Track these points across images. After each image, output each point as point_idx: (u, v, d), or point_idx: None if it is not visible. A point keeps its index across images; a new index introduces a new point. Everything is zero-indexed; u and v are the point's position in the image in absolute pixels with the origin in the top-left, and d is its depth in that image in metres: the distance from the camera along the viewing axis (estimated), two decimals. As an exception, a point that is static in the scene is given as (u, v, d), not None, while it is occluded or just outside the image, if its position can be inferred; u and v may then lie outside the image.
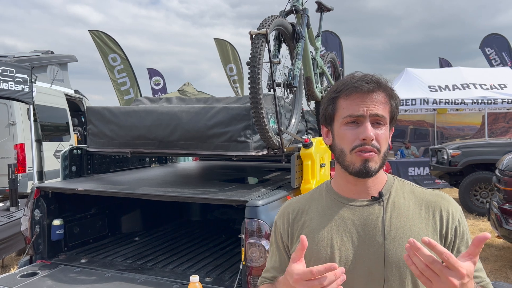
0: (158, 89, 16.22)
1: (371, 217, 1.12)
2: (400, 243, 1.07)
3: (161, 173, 3.69)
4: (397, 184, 1.19)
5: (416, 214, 1.12)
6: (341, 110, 1.13)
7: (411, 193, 1.17)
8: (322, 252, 1.12)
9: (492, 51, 14.78)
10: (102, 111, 3.09)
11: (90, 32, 10.91)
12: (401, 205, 1.14)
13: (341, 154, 1.12)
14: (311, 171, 2.69)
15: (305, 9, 3.06)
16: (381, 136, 1.09)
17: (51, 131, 7.64)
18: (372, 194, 1.15)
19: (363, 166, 1.08)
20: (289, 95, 2.81)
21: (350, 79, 1.12)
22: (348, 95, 1.11)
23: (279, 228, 1.26)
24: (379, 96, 1.10)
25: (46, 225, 2.91)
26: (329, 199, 1.20)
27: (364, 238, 1.11)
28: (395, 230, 1.09)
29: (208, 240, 3.69)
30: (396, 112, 1.15)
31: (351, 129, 1.10)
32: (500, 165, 4.74)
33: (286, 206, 1.28)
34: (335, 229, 1.14)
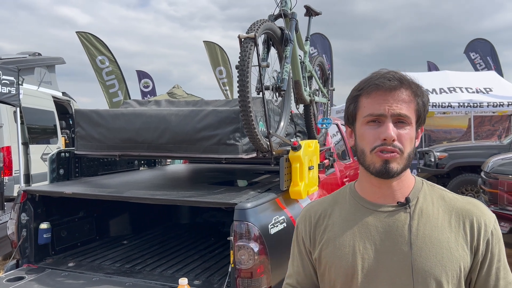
0: (147, 92, 16.16)
1: (396, 224, 1.06)
2: (427, 253, 1.01)
3: (149, 176, 3.68)
4: (425, 188, 1.12)
5: (446, 223, 1.05)
6: (362, 109, 1.08)
7: (441, 199, 1.10)
8: (344, 259, 1.07)
9: (477, 56, 15.01)
10: (90, 114, 3.08)
11: (78, 34, 10.82)
12: (429, 212, 1.07)
13: (362, 155, 1.08)
14: (299, 174, 2.70)
15: (293, 13, 3.09)
16: (404, 136, 1.03)
17: (38, 133, 7.56)
18: (398, 199, 1.08)
19: (384, 167, 1.03)
20: (278, 98, 2.82)
21: (373, 76, 1.07)
22: (370, 93, 1.06)
23: (300, 232, 1.21)
24: (403, 94, 1.04)
25: (33, 228, 2.88)
26: (352, 203, 1.15)
27: (389, 246, 1.04)
28: (422, 239, 1.03)
29: (197, 243, 3.69)
30: (423, 111, 1.08)
31: (372, 128, 1.05)
32: (486, 167, 4.83)
33: (308, 209, 1.23)
34: (358, 236, 1.08)
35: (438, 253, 1.01)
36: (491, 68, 14.44)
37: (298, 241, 1.22)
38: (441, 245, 1.02)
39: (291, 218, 2.63)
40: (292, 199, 2.74)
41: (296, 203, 2.79)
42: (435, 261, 1.00)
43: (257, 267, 2.23)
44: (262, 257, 2.24)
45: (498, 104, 10.00)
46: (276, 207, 2.55)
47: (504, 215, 4.19)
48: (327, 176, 3.78)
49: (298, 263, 1.22)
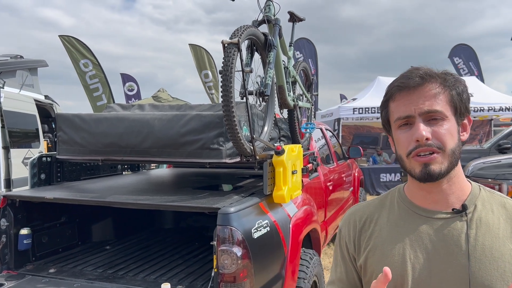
0: (131, 95, 16.05)
1: (452, 232, 0.97)
2: (487, 266, 0.93)
3: (133, 181, 3.65)
4: (484, 195, 1.03)
5: (508, 233, 0.96)
6: (392, 114, 1.03)
7: (502, 207, 1.01)
8: (393, 267, 0.98)
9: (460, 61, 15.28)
10: (72, 118, 3.05)
11: (61, 38, 10.71)
12: (489, 221, 0.98)
13: (401, 161, 1.02)
14: (283, 178, 2.72)
15: (277, 19, 3.11)
16: (440, 132, 0.95)
17: (20, 137, 7.44)
18: (452, 205, 1.00)
19: (424, 171, 0.96)
20: (261, 103, 2.84)
21: (397, 79, 1.02)
22: (394, 97, 1.01)
23: (344, 237, 1.14)
24: (428, 89, 0.97)
25: (13, 234, 2.84)
26: (402, 208, 1.07)
27: (443, 256, 0.96)
28: (481, 250, 0.94)
29: (181, 248, 3.67)
30: (460, 101, 0.99)
31: (404, 132, 0.99)
32: (466, 171, 4.92)
33: (353, 212, 1.16)
34: (408, 243, 1.00)
35: (500, 266, 0.92)
36: (474, 73, 14.73)
37: (341, 246, 1.15)
38: (504, 258, 0.93)
39: (274, 222, 2.64)
40: (276, 203, 2.76)
41: (279, 207, 2.81)
42: (496, 275, 0.92)
43: (240, 272, 2.24)
44: (245, 262, 2.25)
45: (479, 109, 10.22)
46: (260, 212, 2.56)
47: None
48: (311, 180, 3.81)
49: (341, 269, 1.15)
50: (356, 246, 1.10)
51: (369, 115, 10.76)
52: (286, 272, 2.69)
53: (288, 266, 2.72)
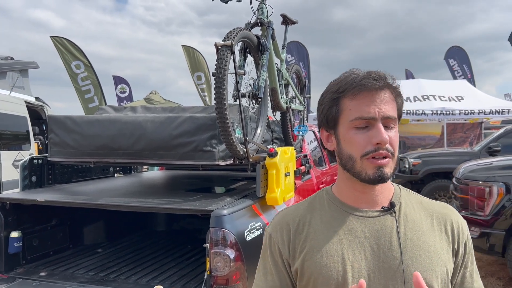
0: (124, 97, 15.97)
1: (384, 229, 1.02)
2: (417, 257, 0.99)
3: (125, 183, 3.64)
4: (404, 194, 1.10)
5: (429, 227, 1.04)
6: (347, 111, 1.01)
7: (420, 204, 1.09)
8: (333, 268, 1.00)
9: (455, 63, 15.34)
10: (64, 120, 3.03)
11: (52, 39, 10.62)
12: (413, 217, 1.05)
13: (349, 161, 1.01)
14: (276, 180, 2.73)
15: (270, 21, 3.13)
16: (393, 138, 1.00)
17: (10, 139, 7.37)
18: (380, 203, 1.05)
19: (378, 173, 0.98)
20: (254, 105, 2.85)
21: (354, 77, 1.01)
22: (356, 95, 0.99)
23: (276, 242, 1.09)
24: (387, 95, 1.00)
25: (3, 237, 2.80)
26: (334, 208, 1.08)
27: (378, 253, 1.00)
28: (411, 244, 1.00)
29: (173, 250, 3.66)
30: (401, 112, 1.05)
31: (361, 132, 0.99)
32: (457, 173, 4.96)
33: (283, 216, 1.13)
34: (345, 243, 1.02)
35: (428, 257, 1.00)
36: (467, 76, 14.85)
37: (272, 252, 1.10)
38: (429, 249, 1.00)
39: (267, 224, 2.63)
40: (269, 206, 2.76)
41: (272, 209, 2.81)
42: (425, 265, 0.99)
43: (233, 274, 2.23)
44: (238, 264, 2.25)
45: (469, 112, 10.31)
46: (253, 214, 2.56)
47: (474, 220, 4.31)
48: (304, 182, 3.82)
49: (273, 277, 1.09)
50: (291, 250, 1.07)
51: (361, 118, 10.81)
52: (279, 274, 2.69)
53: (281, 268, 2.72)
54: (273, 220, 1.16)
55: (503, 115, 10.58)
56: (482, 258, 5.27)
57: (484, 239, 4.23)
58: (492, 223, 4.18)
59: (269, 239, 1.12)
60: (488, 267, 4.99)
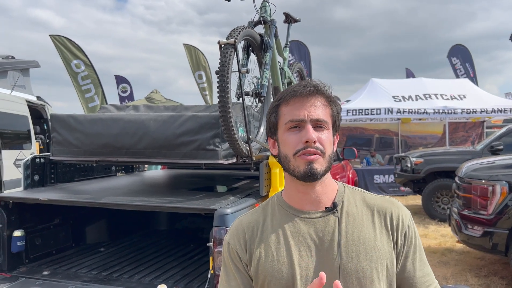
0: (125, 97, 15.99)
1: (327, 229, 1.09)
2: (357, 253, 1.06)
3: (127, 182, 3.63)
4: (348, 192, 1.17)
5: (370, 222, 1.11)
6: (283, 116, 1.12)
7: (362, 201, 1.15)
8: (283, 270, 1.07)
9: (458, 61, 15.21)
10: (66, 118, 3.02)
11: (52, 37, 10.55)
12: (354, 214, 1.11)
13: (286, 160, 1.10)
14: (279, 179, 2.72)
15: (273, 20, 3.12)
16: (324, 139, 1.08)
17: (11, 139, 7.37)
18: (324, 204, 1.12)
19: (308, 169, 1.06)
20: (257, 104, 2.84)
21: (291, 87, 1.13)
22: (288, 101, 1.11)
23: (234, 248, 1.15)
24: (319, 100, 1.10)
25: (6, 236, 2.80)
26: (282, 212, 1.15)
27: (322, 252, 1.07)
28: (351, 241, 1.07)
29: (176, 249, 3.65)
30: (337, 118, 1.14)
31: (293, 133, 1.09)
32: (460, 172, 4.95)
33: (238, 224, 1.20)
34: (293, 244, 1.09)
35: (368, 252, 1.06)
36: (470, 74, 14.79)
37: (232, 258, 1.15)
38: (369, 244, 1.07)
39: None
40: (272, 205, 2.75)
41: (275, 208, 2.80)
42: (365, 260, 1.05)
43: (237, 273, 2.22)
44: (242, 263, 2.24)
45: (471, 110, 10.30)
46: (256, 213, 2.55)
47: (477, 219, 4.29)
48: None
49: (236, 281, 1.14)
50: (248, 255, 1.13)
51: (362, 117, 10.80)
52: (282, 274, 2.68)
53: (284, 268, 2.71)
54: (230, 228, 1.22)
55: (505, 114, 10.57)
56: (485, 257, 5.26)
57: (487, 238, 4.22)
58: (495, 222, 4.16)
59: (227, 247, 1.18)
60: (491, 266, 4.98)
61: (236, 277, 1.15)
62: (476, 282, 4.47)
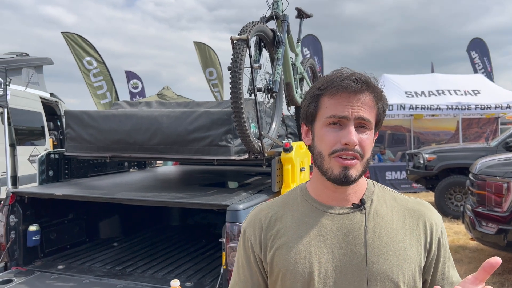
0: (136, 93, 16.03)
1: (352, 226, 1.02)
2: (384, 255, 1.00)
3: (140, 178, 3.66)
4: (378, 190, 1.10)
5: (400, 224, 1.04)
6: (324, 109, 1.02)
7: (393, 200, 1.09)
8: (300, 264, 1.01)
9: (476, 55, 14.85)
10: (80, 115, 3.05)
11: (64, 35, 10.62)
12: (384, 213, 1.05)
13: (319, 157, 1.03)
14: (291, 175, 2.71)
15: (285, 15, 3.10)
16: (365, 141, 1.00)
17: (26, 135, 7.47)
18: (352, 201, 1.05)
19: (342, 174, 0.98)
20: (269, 100, 2.83)
21: (337, 77, 1.01)
22: (334, 94, 1.00)
23: (249, 238, 1.11)
24: (367, 98, 1.01)
25: (22, 231, 2.85)
26: (305, 205, 1.09)
27: (346, 250, 1.01)
28: (378, 241, 1.01)
29: (188, 245, 3.68)
30: (382, 116, 1.06)
31: (333, 131, 1.00)
32: (474, 169, 4.88)
33: (257, 212, 1.14)
34: (314, 240, 1.03)
35: (395, 254, 1.00)
36: (487, 69, 14.50)
37: (245, 248, 1.12)
38: (397, 246, 1.01)
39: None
40: (284, 201, 2.74)
41: (287, 204, 2.80)
42: (392, 262, 0.99)
43: (249, 269, 2.23)
44: (254, 259, 2.24)
45: (485, 106, 10.15)
46: (268, 209, 2.55)
47: (492, 216, 4.24)
48: (318, 177, 3.79)
49: (245, 271, 1.11)
50: (262, 246, 1.08)
51: (374, 113, 10.71)
52: (294, 270, 2.68)
53: (297, 264, 2.71)
54: (248, 215, 1.17)
55: (521, 109, 10.38)
56: (499, 255, 5.18)
57: (501, 236, 4.16)
58: (510, 219, 4.10)
59: (243, 235, 1.14)
60: (505, 264, 4.91)
61: (245, 267, 1.12)
62: (490, 280, 4.41)
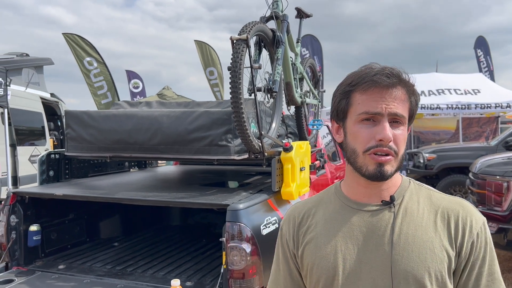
0: (137, 92, 16.01)
1: (380, 223, 1.02)
2: (409, 252, 0.97)
3: (140, 178, 3.66)
4: (412, 187, 1.08)
5: (431, 222, 1.01)
6: (356, 105, 1.01)
7: (427, 199, 1.06)
8: (325, 259, 1.03)
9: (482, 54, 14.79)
10: (81, 115, 3.06)
11: (64, 35, 10.64)
12: (414, 211, 1.03)
13: (353, 155, 1.02)
14: (291, 175, 2.72)
15: (285, 15, 3.10)
16: (399, 137, 0.99)
17: (26, 135, 7.47)
18: (383, 198, 1.04)
19: (378, 170, 0.98)
20: (269, 99, 2.83)
21: (368, 72, 1.00)
22: (366, 90, 0.99)
23: (285, 234, 1.15)
24: (399, 92, 0.99)
25: (23, 231, 2.85)
26: (337, 202, 1.11)
27: (371, 246, 1.01)
28: (404, 238, 0.99)
29: (189, 244, 3.68)
30: (415, 111, 1.04)
31: (366, 127, 0.99)
32: (473, 168, 4.89)
33: (292, 210, 1.18)
34: (340, 236, 1.04)
35: (421, 253, 0.97)
36: (490, 68, 14.47)
37: (282, 244, 1.16)
38: (425, 245, 0.98)
39: (283, 219, 2.63)
40: (284, 200, 2.75)
41: (288, 204, 2.80)
42: (417, 261, 0.96)
43: (249, 268, 2.24)
44: (254, 258, 2.25)
45: (485, 105, 10.14)
46: (268, 208, 2.56)
47: (492, 215, 4.24)
48: (318, 177, 3.80)
49: (284, 266, 1.16)
50: (295, 242, 1.12)
51: (374, 112, 10.71)
52: (294, 269, 2.69)
53: (297, 263, 2.71)
54: (286, 213, 1.21)
55: (521, 109, 10.37)
56: (499, 254, 5.19)
57: (501, 235, 4.17)
58: (510, 218, 4.11)
59: (280, 231, 1.18)
60: (505, 263, 4.92)
61: (283, 262, 1.16)
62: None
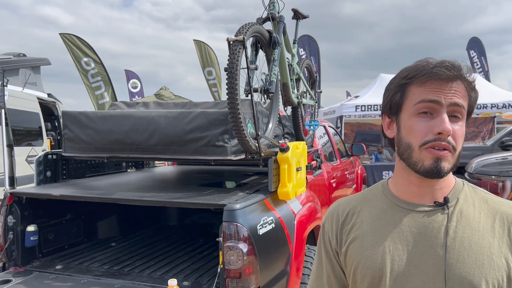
0: (135, 92, 16.01)
1: (432, 225, 0.96)
2: (465, 257, 0.92)
3: (138, 178, 3.67)
4: (467, 189, 1.02)
5: (488, 227, 0.95)
6: (412, 97, 0.96)
7: (484, 202, 1.00)
8: (372, 259, 0.99)
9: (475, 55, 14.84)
10: (78, 115, 3.07)
11: (61, 36, 10.63)
12: (470, 214, 0.97)
13: (408, 149, 0.96)
14: (287, 175, 2.73)
15: (281, 16, 3.12)
16: (457, 132, 0.93)
17: (23, 135, 7.47)
18: (436, 198, 0.98)
19: (435, 165, 0.92)
20: (266, 100, 2.85)
21: (425, 65, 0.95)
22: (424, 82, 0.94)
23: (327, 231, 1.11)
24: (460, 86, 0.94)
25: (20, 231, 2.86)
26: (385, 201, 1.05)
27: (422, 249, 0.95)
28: (460, 242, 0.93)
29: (186, 244, 3.70)
30: (473, 108, 0.98)
31: (423, 120, 0.94)
32: (469, 168, 4.92)
33: (335, 206, 1.14)
34: (389, 236, 0.99)
35: (478, 258, 0.91)
36: (485, 69, 14.54)
37: (324, 242, 1.12)
38: (482, 250, 0.92)
39: (279, 218, 2.66)
40: (281, 200, 2.77)
41: (284, 204, 2.82)
42: (474, 267, 0.91)
43: (246, 268, 2.25)
44: (251, 258, 2.27)
45: (482, 106, 10.19)
46: (265, 208, 2.58)
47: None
48: (315, 177, 3.82)
49: (326, 265, 1.11)
50: (338, 240, 1.08)
51: (371, 113, 10.74)
52: (291, 269, 2.71)
53: (293, 263, 2.73)
54: (328, 210, 1.16)
55: (517, 109, 10.42)
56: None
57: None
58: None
59: (322, 229, 1.14)
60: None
61: (326, 261, 1.11)
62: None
